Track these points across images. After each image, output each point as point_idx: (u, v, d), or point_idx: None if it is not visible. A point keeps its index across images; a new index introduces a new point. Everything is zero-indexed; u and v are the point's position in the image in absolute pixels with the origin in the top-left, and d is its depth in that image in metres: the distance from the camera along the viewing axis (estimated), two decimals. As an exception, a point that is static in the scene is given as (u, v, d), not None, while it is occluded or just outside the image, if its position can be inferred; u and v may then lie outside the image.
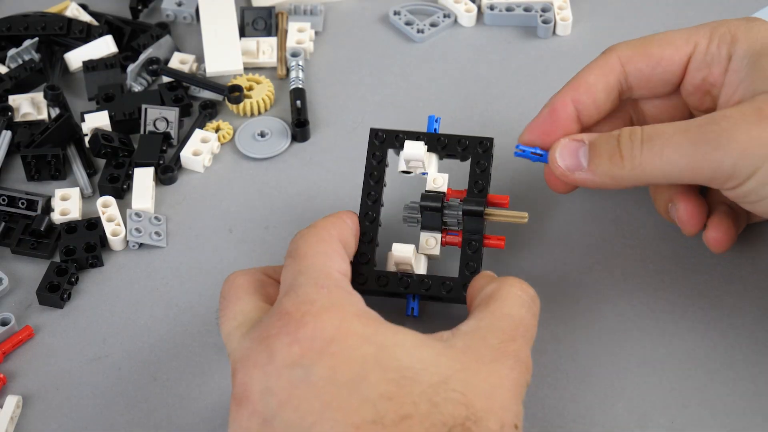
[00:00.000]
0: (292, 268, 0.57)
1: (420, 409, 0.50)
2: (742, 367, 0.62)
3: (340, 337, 0.52)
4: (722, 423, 0.60)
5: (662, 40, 0.64)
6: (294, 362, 0.51)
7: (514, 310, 0.56)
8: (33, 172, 0.74)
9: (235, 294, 0.58)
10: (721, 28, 0.63)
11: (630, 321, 0.64)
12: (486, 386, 0.52)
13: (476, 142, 0.64)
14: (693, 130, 0.58)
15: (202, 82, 0.78)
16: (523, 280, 0.58)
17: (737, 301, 0.65)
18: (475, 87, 0.79)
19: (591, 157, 0.61)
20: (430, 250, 0.63)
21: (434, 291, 0.61)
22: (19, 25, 0.81)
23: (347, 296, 0.55)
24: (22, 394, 0.63)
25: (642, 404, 0.61)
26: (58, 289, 0.67)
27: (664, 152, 0.59)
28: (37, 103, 0.77)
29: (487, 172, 0.63)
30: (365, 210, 0.63)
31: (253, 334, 0.54)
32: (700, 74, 0.64)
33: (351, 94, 0.79)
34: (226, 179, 0.74)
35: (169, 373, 0.64)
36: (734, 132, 0.57)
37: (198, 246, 0.70)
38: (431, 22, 0.83)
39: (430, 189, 0.63)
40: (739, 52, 0.62)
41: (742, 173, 0.58)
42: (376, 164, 0.64)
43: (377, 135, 0.65)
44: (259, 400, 0.52)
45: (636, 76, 0.65)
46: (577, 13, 0.83)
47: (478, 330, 0.55)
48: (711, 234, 0.64)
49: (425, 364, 0.52)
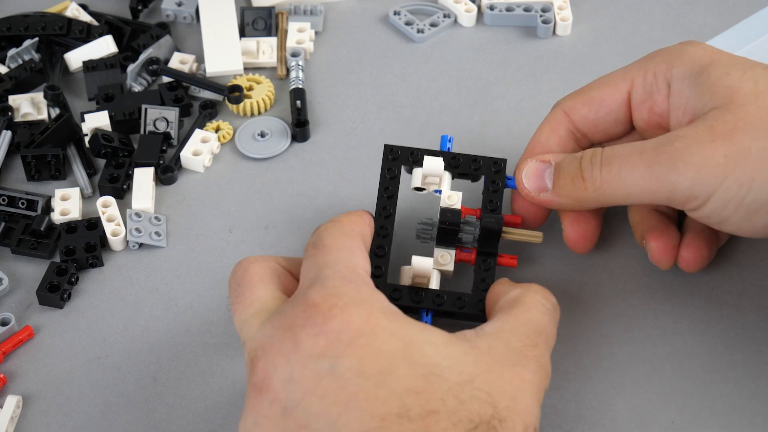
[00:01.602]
0: (316, 259, 0.57)
1: (447, 405, 0.50)
2: (742, 367, 0.62)
3: (368, 331, 0.52)
4: (722, 423, 0.60)
5: (601, 83, 0.65)
6: (320, 353, 0.52)
7: (536, 317, 0.57)
8: (33, 172, 0.74)
9: (251, 281, 0.58)
10: (656, 58, 0.64)
11: (630, 321, 0.65)
12: (510, 388, 0.52)
13: (490, 162, 0.65)
14: (648, 151, 0.59)
15: (202, 82, 0.78)
16: (546, 289, 0.59)
17: (737, 301, 0.65)
18: (475, 87, 0.79)
19: (555, 179, 0.62)
20: (444, 266, 0.63)
21: (447, 306, 0.61)
22: (19, 25, 0.81)
23: (373, 293, 0.55)
24: (22, 394, 0.63)
25: (642, 404, 0.61)
26: (58, 289, 0.67)
27: (621, 174, 0.59)
28: (37, 103, 0.77)
29: (501, 192, 0.64)
30: (379, 223, 0.63)
31: (275, 323, 0.54)
32: (644, 107, 0.64)
33: (351, 94, 0.79)
34: (226, 179, 0.74)
35: (169, 373, 0.64)
36: (688, 153, 0.57)
37: (198, 246, 0.70)
38: (431, 22, 0.83)
39: (445, 206, 0.63)
40: (677, 75, 0.62)
41: (700, 195, 0.58)
42: (390, 179, 0.64)
43: (392, 151, 0.65)
44: (281, 388, 0.52)
45: (583, 123, 0.65)
46: (577, 14, 0.83)
47: (501, 332, 0.55)
48: (682, 254, 0.64)
49: (452, 361, 0.52)
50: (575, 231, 0.65)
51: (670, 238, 0.64)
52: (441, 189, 0.64)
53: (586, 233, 0.65)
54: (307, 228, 0.70)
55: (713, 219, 0.59)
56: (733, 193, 0.57)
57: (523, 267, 0.67)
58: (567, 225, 0.65)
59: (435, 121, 0.77)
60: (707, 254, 0.64)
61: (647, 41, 0.81)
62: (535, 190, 0.63)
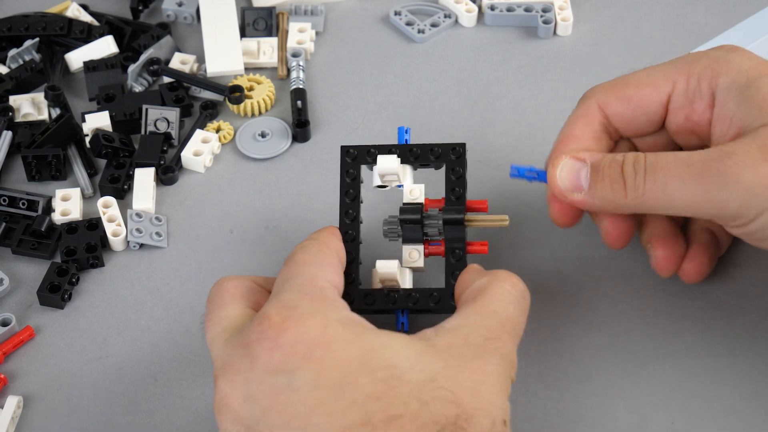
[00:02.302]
0: (282, 275, 0.57)
1: (410, 408, 0.50)
2: (742, 367, 0.62)
3: (324, 342, 0.52)
4: (722, 423, 0.60)
5: (639, 81, 0.63)
6: (276, 368, 0.51)
7: (501, 307, 0.56)
8: (34, 173, 0.74)
9: (221, 299, 0.58)
10: (700, 62, 0.62)
11: (630, 321, 0.64)
12: (471, 384, 0.52)
13: (449, 149, 0.63)
14: (697, 165, 0.57)
15: (203, 82, 0.78)
16: (514, 274, 0.58)
17: (737, 301, 0.65)
18: (475, 87, 0.79)
19: (593, 181, 0.60)
20: (414, 263, 0.62)
21: (422, 304, 0.60)
22: (19, 25, 0.81)
23: (331, 303, 0.55)
24: (22, 394, 0.63)
25: (642, 404, 0.61)
26: (59, 289, 0.67)
27: (666, 186, 0.57)
28: (37, 104, 0.77)
29: (463, 178, 0.62)
30: (344, 229, 0.62)
31: (234, 341, 0.54)
32: (682, 113, 0.62)
33: (351, 94, 0.79)
34: (226, 179, 0.74)
35: (170, 373, 0.64)
36: (740, 171, 0.56)
37: (199, 246, 0.70)
38: (432, 22, 0.83)
39: (408, 201, 0.62)
40: (722, 85, 0.60)
41: (749, 214, 0.57)
42: (350, 182, 0.63)
43: (348, 152, 0.64)
44: (240, 407, 0.51)
45: (617, 119, 0.63)
46: (577, 14, 0.83)
47: (461, 327, 0.54)
48: (685, 266, 0.64)
49: (411, 362, 0.52)
50: (615, 228, 0.63)
51: (676, 249, 0.63)
52: (402, 184, 0.63)
53: (625, 229, 0.63)
54: (308, 228, 0.70)
55: (755, 236, 0.58)
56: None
57: (524, 267, 0.67)
58: (606, 223, 0.63)
59: (435, 122, 0.77)
60: (708, 268, 0.64)
61: (647, 41, 0.81)
62: (570, 189, 0.60)
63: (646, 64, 0.79)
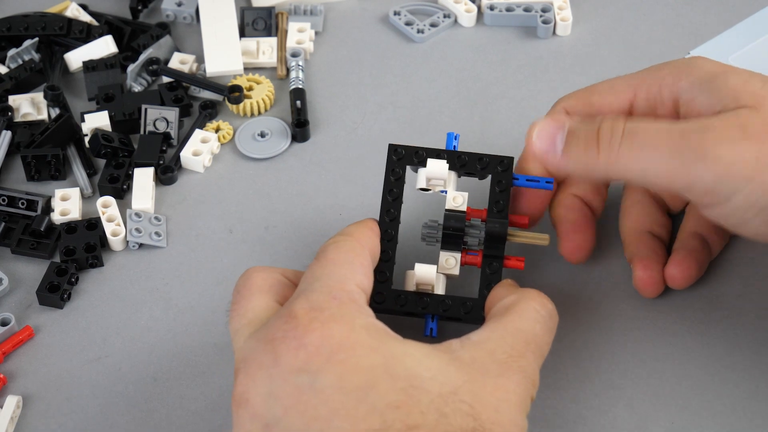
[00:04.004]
0: (313, 271, 0.56)
1: (428, 419, 0.50)
2: (742, 367, 0.62)
3: (348, 346, 0.51)
4: (722, 423, 0.60)
5: (603, 89, 0.63)
6: (300, 368, 0.51)
7: (527, 325, 0.56)
8: (33, 173, 0.74)
9: (249, 290, 0.57)
10: (662, 71, 0.62)
11: (630, 321, 0.64)
12: (493, 399, 0.52)
13: (496, 161, 0.63)
14: (675, 134, 0.56)
15: (202, 82, 0.78)
16: (544, 294, 0.58)
17: (737, 301, 0.65)
18: (475, 87, 0.79)
19: (567, 144, 0.59)
20: (449, 270, 0.62)
21: (453, 311, 0.60)
22: (19, 25, 0.81)
23: (358, 309, 0.54)
24: (22, 394, 0.63)
25: (642, 404, 0.61)
26: (58, 289, 0.67)
27: (641, 151, 0.57)
28: (37, 104, 0.77)
29: (507, 192, 0.62)
30: (384, 227, 0.61)
31: (258, 335, 0.53)
32: None
33: (351, 94, 0.79)
34: (226, 179, 0.74)
35: (169, 373, 0.64)
36: (718, 146, 0.55)
37: (198, 246, 0.70)
38: (431, 22, 0.83)
39: (450, 208, 0.62)
40: (685, 86, 0.60)
41: (722, 192, 0.56)
42: (394, 181, 0.63)
43: (396, 151, 0.63)
44: (261, 404, 0.51)
45: None
46: (577, 14, 0.83)
47: (487, 342, 0.54)
48: (669, 271, 0.64)
49: (433, 373, 0.51)
50: (571, 242, 0.64)
51: (658, 269, 0.64)
52: (446, 189, 0.63)
53: (582, 244, 0.64)
54: (307, 228, 0.70)
55: (731, 221, 0.58)
56: (756, 197, 0.55)
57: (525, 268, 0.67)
58: (563, 236, 0.64)
59: (435, 121, 0.77)
60: (695, 273, 0.64)
61: (647, 41, 0.81)
62: (544, 151, 0.60)
63: (645, 64, 0.79)
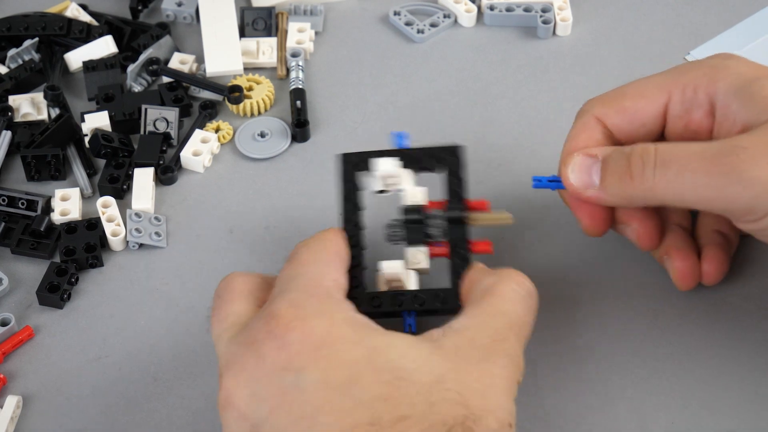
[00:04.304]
0: (287, 272, 0.56)
1: (417, 409, 0.50)
2: (742, 367, 0.62)
3: (330, 342, 0.52)
4: (722, 424, 0.60)
5: (635, 93, 0.63)
6: (283, 367, 0.51)
7: (508, 307, 0.55)
8: (33, 173, 0.74)
9: (230, 295, 0.58)
10: (695, 71, 0.62)
11: (630, 321, 0.64)
12: (479, 385, 0.52)
13: (447, 151, 0.63)
14: (709, 158, 0.56)
15: (202, 82, 0.78)
16: (521, 273, 0.58)
17: (737, 301, 0.65)
18: (475, 87, 0.79)
19: (603, 175, 0.60)
20: (419, 265, 0.61)
21: (429, 305, 0.60)
22: (19, 25, 0.81)
23: (337, 304, 0.55)
24: (22, 394, 0.63)
25: (642, 404, 0.61)
26: (58, 289, 0.67)
27: (678, 179, 0.57)
28: (37, 104, 0.77)
29: (463, 179, 0.62)
30: (349, 234, 0.61)
31: (240, 338, 0.54)
32: (680, 122, 0.62)
33: (351, 94, 0.79)
34: (226, 179, 0.74)
35: (170, 373, 0.64)
36: (753, 166, 0.55)
37: (198, 246, 0.70)
38: (431, 22, 0.83)
39: (406, 203, 0.62)
40: (722, 90, 0.60)
41: (759, 210, 0.56)
42: (350, 189, 0.62)
43: (346, 158, 0.63)
44: (246, 405, 0.51)
45: (617, 131, 0.63)
46: (577, 14, 0.83)
47: (468, 328, 0.54)
48: (705, 268, 0.64)
49: (418, 363, 0.51)
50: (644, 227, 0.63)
51: (694, 259, 0.63)
52: (403, 187, 0.62)
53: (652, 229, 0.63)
54: (307, 228, 0.70)
55: (766, 232, 0.58)
56: None
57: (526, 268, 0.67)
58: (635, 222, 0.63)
59: (435, 121, 0.77)
60: (727, 268, 0.64)
61: (647, 41, 0.81)
62: (582, 186, 0.60)
63: (645, 64, 0.79)
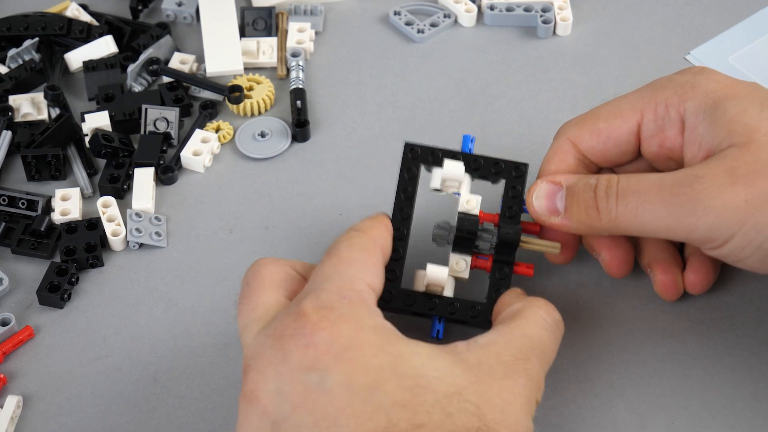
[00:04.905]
0: (324, 268, 0.56)
1: (433, 418, 0.50)
2: (742, 368, 0.62)
3: (356, 346, 0.52)
4: (722, 424, 0.60)
5: (609, 114, 0.63)
6: (309, 366, 0.51)
7: (534, 331, 0.56)
8: (33, 173, 0.74)
9: (259, 284, 0.57)
10: (666, 89, 0.62)
11: (630, 321, 0.64)
12: (498, 401, 0.52)
13: (511, 166, 0.63)
14: (666, 189, 0.57)
15: (203, 82, 0.78)
16: (551, 304, 0.58)
17: (737, 301, 0.65)
18: (475, 87, 0.79)
19: (567, 205, 0.61)
20: (459, 273, 0.61)
21: (461, 314, 0.60)
22: (19, 25, 0.81)
23: (367, 309, 0.54)
24: (22, 394, 0.63)
25: (642, 405, 0.61)
26: (59, 289, 0.67)
27: (638, 210, 0.58)
28: (37, 104, 0.77)
29: (521, 198, 0.62)
30: (396, 225, 0.61)
31: (268, 332, 0.53)
32: (655, 141, 0.62)
33: (351, 94, 0.79)
34: (226, 179, 0.74)
35: (170, 373, 0.64)
36: (708, 197, 0.56)
37: (198, 246, 0.70)
38: (431, 22, 0.83)
39: (463, 211, 0.61)
40: (690, 109, 0.60)
41: (718, 238, 0.57)
42: (408, 179, 0.62)
43: (412, 150, 0.62)
44: (270, 401, 0.51)
45: (591, 153, 0.63)
46: (577, 14, 0.83)
47: (493, 344, 0.54)
48: (689, 277, 0.64)
49: (440, 373, 0.52)
50: (614, 258, 0.64)
51: (676, 271, 0.64)
52: (460, 192, 0.62)
53: (623, 258, 0.64)
54: (307, 228, 0.70)
55: (730, 259, 0.59)
56: (751, 238, 0.57)
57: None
58: (604, 255, 0.64)
59: (435, 121, 0.77)
60: (713, 277, 0.64)
61: (647, 41, 0.81)
62: (546, 213, 0.61)
63: (645, 64, 0.79)
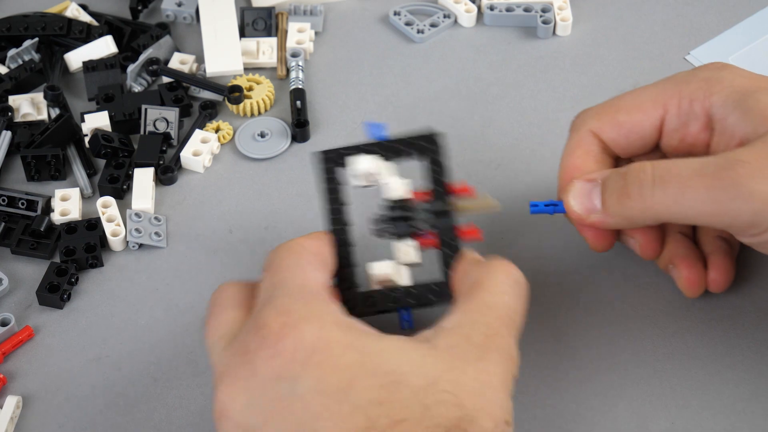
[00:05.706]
0: (268, 281, 0.56)
1: (413, 412, 0.50)
2: (742, 367, 0.62)
3: (322, 347, 0.51)
4: (722, 424, 0.60)
5: (630, 106, 0.62)
6: (277, 375, 0.51)
7: (496, 300, 0.55)
8: (33, 173, 0.74)
9: (222, 304, 0.57)
10: (691, 83, 0.61)
11: (630, 321, 0.64)
12: (475, 385, 0.51)
13: (425, 139, 0.61)
14: (709, 174, 0.56)
15: (202, 82, 0.78)
16: (508, 261, 0.57)
17: (738, 301, 0.65)
18: (475, 87, 0.79)
19: (603, 198, 0.59)
20: (409, 259, 0.61)
21: (423, 299, 0.59)
22: (19, 25, 0.81)
23: (325, 306, 0.54)
24: (22, 394, 0.63)
25: (642, 405, 0.61)
26: (58, 289, 0.67)
27: (678, 197, 0.57)
28: (37, 104, 0.77)
29: (444, 166, 0.61)
30: (336, 235, 0.60)
31: (233, 348, 0.53)
32: (676, 135, 0.62)
33: (351, 94, 0.79)
34: (226, 179, 0.74)
35: (170, 373, 0.64)
36: (754, 180, 0.55)
37: (198, 246, 0.70)
38: (431, 22, 0.83)
39: (388, 197, 0.60)
40: (717, 103, 0.60)
41: (763, 223, 0.56)
42: (333, 188, 0.61)
43: (327, 157, 0.62)
44: (240, 415, 0.51)
45: (613, 144, 0.63)
46: (577, 14, 0.83)
47: (461, 327, 0.54)
48: (712, 276, 0.63)
49: (412, 366, 0.51)
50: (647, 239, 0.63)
51: (700, 266, 0.63)
52: (386, 180, 0.61)
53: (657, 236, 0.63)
54: (307, 228, 0.70)
55: (767, 246, 0.58)
56: None
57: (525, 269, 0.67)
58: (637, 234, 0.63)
59: (435, 122, 0.76)
60: (733, 274, 0.64)
61: (647, 41, 0.81)
62: (585, 211, 0.60)
63: (645, 64, 0.79)
